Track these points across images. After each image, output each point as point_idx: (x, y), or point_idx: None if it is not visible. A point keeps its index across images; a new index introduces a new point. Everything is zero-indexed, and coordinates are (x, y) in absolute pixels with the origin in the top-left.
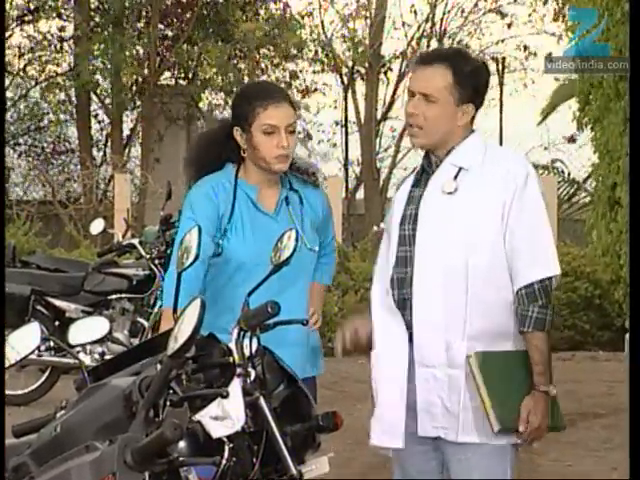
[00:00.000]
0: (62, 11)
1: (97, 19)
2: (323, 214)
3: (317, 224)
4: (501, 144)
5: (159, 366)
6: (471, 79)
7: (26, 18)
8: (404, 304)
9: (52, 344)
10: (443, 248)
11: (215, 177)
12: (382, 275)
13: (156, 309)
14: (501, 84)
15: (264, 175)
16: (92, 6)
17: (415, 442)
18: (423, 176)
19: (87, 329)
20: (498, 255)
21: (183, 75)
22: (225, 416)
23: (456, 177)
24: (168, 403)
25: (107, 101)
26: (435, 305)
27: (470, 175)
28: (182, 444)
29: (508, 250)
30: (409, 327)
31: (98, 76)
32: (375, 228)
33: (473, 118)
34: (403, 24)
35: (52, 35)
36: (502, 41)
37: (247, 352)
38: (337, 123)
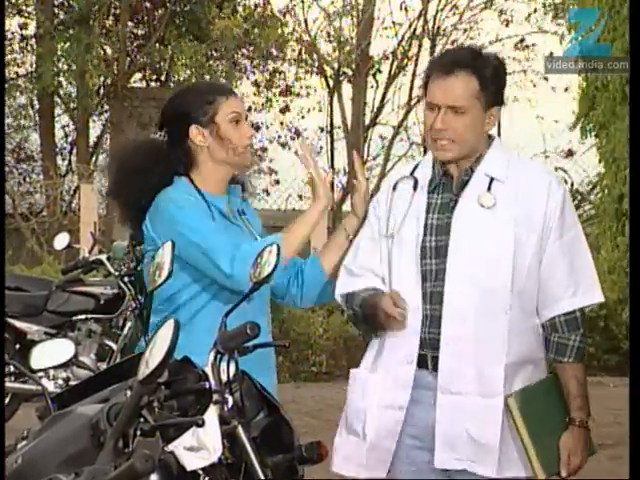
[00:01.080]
0: (23, 8)
1: (61, 16)
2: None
3: None
4: None
5: (129, 392)
6: (495, 80)
7: None
8: (429, 321)
9: (12, 369)
10: (481, 265)
11: (175, 189)
12: (375, 281)
13: (125, 331)
14: None
15: (224, 180)
16: (56, 2)
17: (421, 472)
18: (441, 183)
19: (50, 352)
20: (533, 277)
21: (155, 77)
22: (200, 446)
23: (489, 188)
24: (139, 432)
25: (72, 105)
26: (468, 326)
27: (506, 188)
28: (154, 477)
29: (545, 274)
30: (427, 347)
31: (62, 78)
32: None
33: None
34: (393, 22)
35: (12, 33)
36: (499, 40)
37: (224, 377)
38: (322, 129)
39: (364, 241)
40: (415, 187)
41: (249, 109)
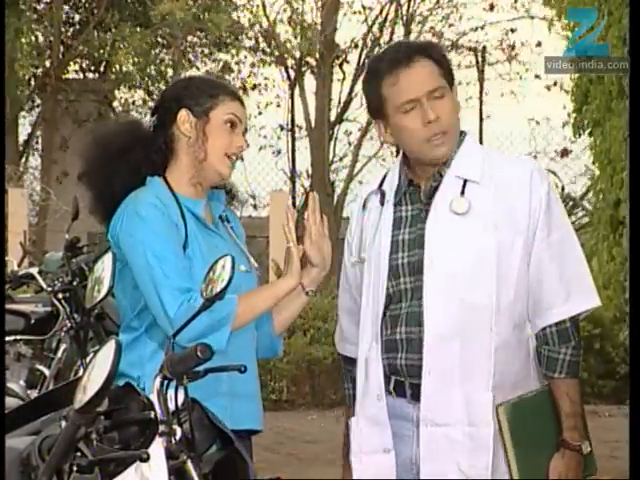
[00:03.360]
0: None
1: None
2: (243, 241)
3: None
4: None
5: (64, 423)
6: (445, 60)
7: None
8: (406, 346)
9: None
10: (461, 280)
11: (145, 193)
12: (353, 317)
13: (59, 354)
14: (481, 80)
15: (200, 185)
16: None
17: None
18: (407, 193)
19: None
20: (523, 286)
21: (93, 67)
22: None
23: (463, 192)
24: (75, 468)
25: None
26: (452, 348)
27: (482, 189)
28: None
29: (533, 278)
30: (404, 374)
31: None
32: None
33: None
34: (362, 6)
35: None
36: (482, 27)
37: (172, 406)
38: (282, 127)
39: (345, 305)
40: (382, 202)
41: None
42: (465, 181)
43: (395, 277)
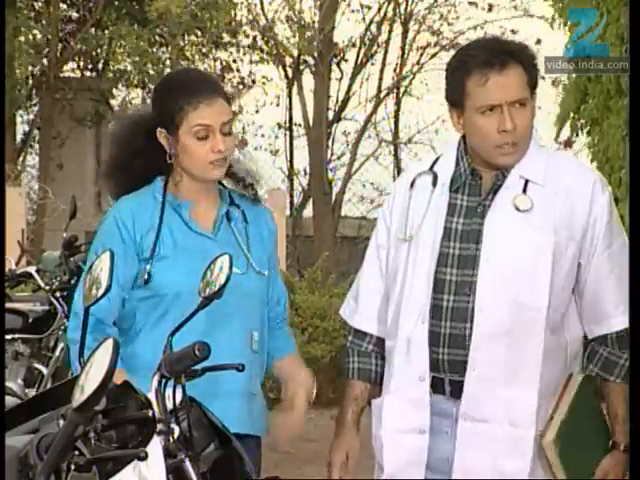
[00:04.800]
0: None
1: None
2: (269, 240)
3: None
4: None
5: (62, 422)
6: (534, 67)
7: None
8: (449, 340)
9: None
10: (517, 278)
11: (139, 194)
12: (376, 295)
13: (57, 353)
14: None
15: (198, 186)
16: None
17: None
18: (467, 183)
19: None
20: (567, 293)
21: (91, 66)
22: None
23: (525, 190)
24: (73, 467)
25: None
26: (499, 346)
27: (544, 191)
28: None
29: (592, 288)
30: (444, 369)
31: None
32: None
33: None
34: (361, 5)
35: None
36: (481, 26)
37: (170, 404)
38: (280, 125)
39: (370, 280)
40: (434, 183)
41: None
42: (527, 181)
43: (441, 265)
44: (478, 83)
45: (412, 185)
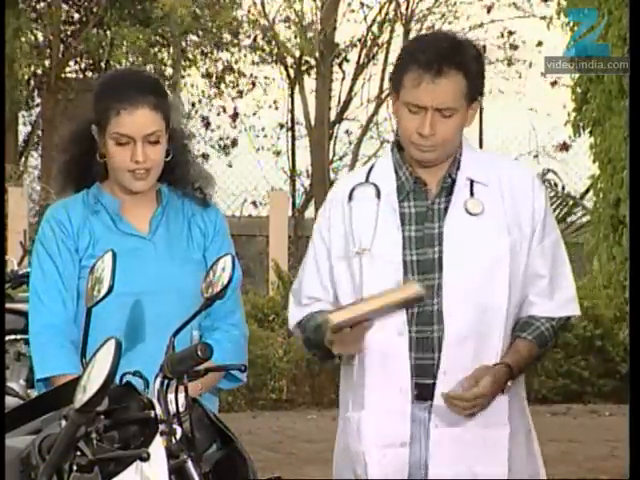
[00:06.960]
0: None
1: None
2: (212, 240)
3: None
4: None
5: (64, 422)
6: (479, 74)
7: None
8: (417, 345)
9: None
10: (478, 280)
11: (78, 195)
12: (322, 304)
13: None
14: None
15: (123, 188)
16: None
17: None
18: (412, 191)
19: None
20: (524, 290)
21: (93, 66)
22: None
23: (472, 193)
24: (75, 468)
25: None
26: (467, 348)
27: (491, 192)
28: None
29: (531, 278)
30: (414, 374)
31: None
32: None
33: None
34: (362, 4)
35: None
36: (481, 25)
37: (172, 405)
38: (282, 126)
39: (308, 267)
40: (378, 195)
41: (199, 102)
42: (472, 182)
43: (408, 273)
44: (412, 83)
45: (350, 198)
